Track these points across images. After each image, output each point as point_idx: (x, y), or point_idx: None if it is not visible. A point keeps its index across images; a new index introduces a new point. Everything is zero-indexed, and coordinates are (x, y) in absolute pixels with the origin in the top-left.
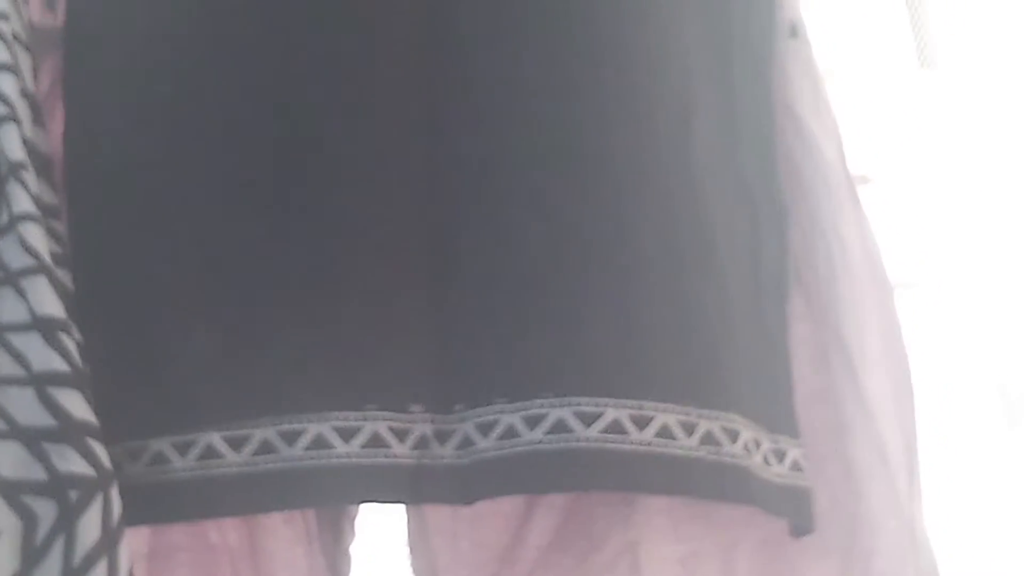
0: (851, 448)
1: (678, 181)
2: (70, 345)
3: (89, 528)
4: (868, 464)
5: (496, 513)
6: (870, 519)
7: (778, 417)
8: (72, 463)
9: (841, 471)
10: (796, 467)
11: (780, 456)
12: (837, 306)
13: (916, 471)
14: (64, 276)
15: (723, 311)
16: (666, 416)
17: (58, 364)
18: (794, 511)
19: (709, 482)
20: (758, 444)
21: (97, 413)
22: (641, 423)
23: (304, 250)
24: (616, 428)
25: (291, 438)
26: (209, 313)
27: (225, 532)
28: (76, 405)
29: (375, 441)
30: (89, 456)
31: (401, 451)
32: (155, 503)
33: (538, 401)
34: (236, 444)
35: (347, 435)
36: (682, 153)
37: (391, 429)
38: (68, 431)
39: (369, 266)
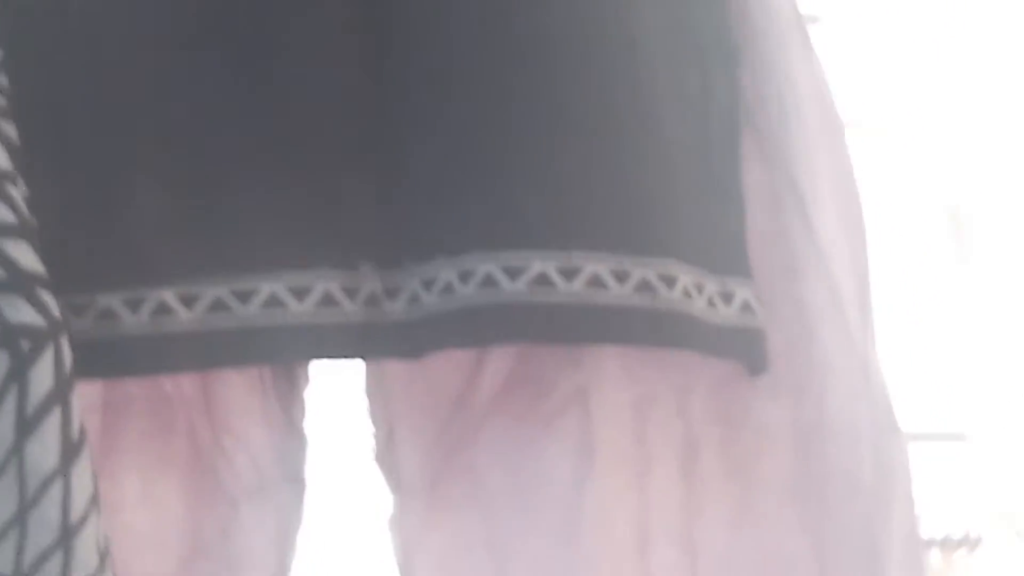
0: (803, 288)
1: (615, 30)
2: (16, 196)
3: (42, 378)
4: (820, 304)
5: (449, 360)
6: (823, 359)
7: (727, 259)
8: (22, 313)
9: (794, 312)
10: (746, 308)
11: (727, 298)
12: (788, 147)
13: (869, 310)
14: (9, 127)
15: (662, 159)
16: (596, 266)
17: (4, 214)
18: (744, 352)
19: (645, 329)
20: (700, 288)
21: (46, 265)
22: (569, 274)
23: (256, 111)
24: (542, 280)
25: (244, 297)
26: (161, 170)
27: (180, 383)
28: (24, 255)
29: (327, 299)
30: (39, 306)
31: (352, 309)
32: (107, 357)
33: (470, 256)
34: (189, 301)
35: (300, 294)
36: (621, 5)
37: (342, 287)
38: (17, 281)
39: (318, 128)
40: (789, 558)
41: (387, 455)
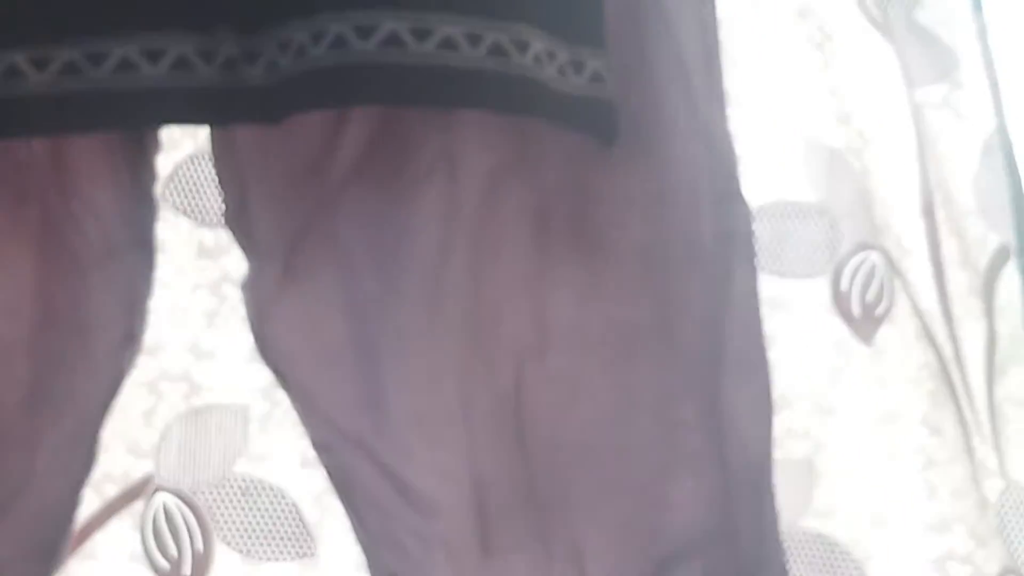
0: (651, 54)
1: None
2: None
3: None
4: (665, 72)
5: (305, 125)
6: (669, 127)
7: (581, 28)
8: None
9: (642, 81)
10: (596, 78)
11: (579, 68)
12: None
13: (717, 79)
14: None
15: None
16: (449, 28)
17: None
18: (592, 123)
19: (497, 94)
20: (552, 56)
21: None
22: (421, 35)
23: None
24: (394, 40)
25: (97, 60)
26: None
27: (32, 149)
28: None
29: (182, 63)
30: None
31: (208, 73)
32: None
33: (322, 16)
34: (40, 64)
35: (154, 57)
36: None
37: (198, 51)
38: None
39: None
40: (636, 328)
41: (240, 219)
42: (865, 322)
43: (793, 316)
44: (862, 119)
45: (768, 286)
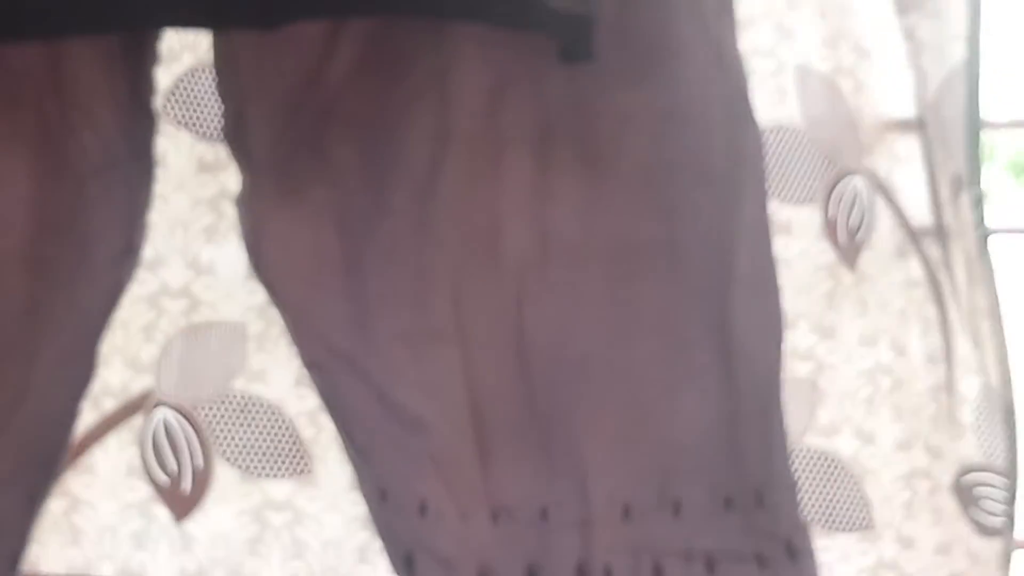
0: None
1: None
2: None
3: None
4: None
5: (301, 40)
6: (678, 46)
7: None
8: None
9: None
10: None
11: None
12: None
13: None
14: None
15: None
16: None
17: None
18: (570, 38)
19: (487, 5)
20: None
21: None
22: None
23: None
24: None
25: None
26: None
27: (26, 56)
28: None
29: None
30: None
31: None
32: None
33: None
34: None
35: None
36: None
37: None
38: None
39: None
40: (641, 243)
41: (237, 133)
42: (849, 248)
43: (792, 239)
44: (850, 42)
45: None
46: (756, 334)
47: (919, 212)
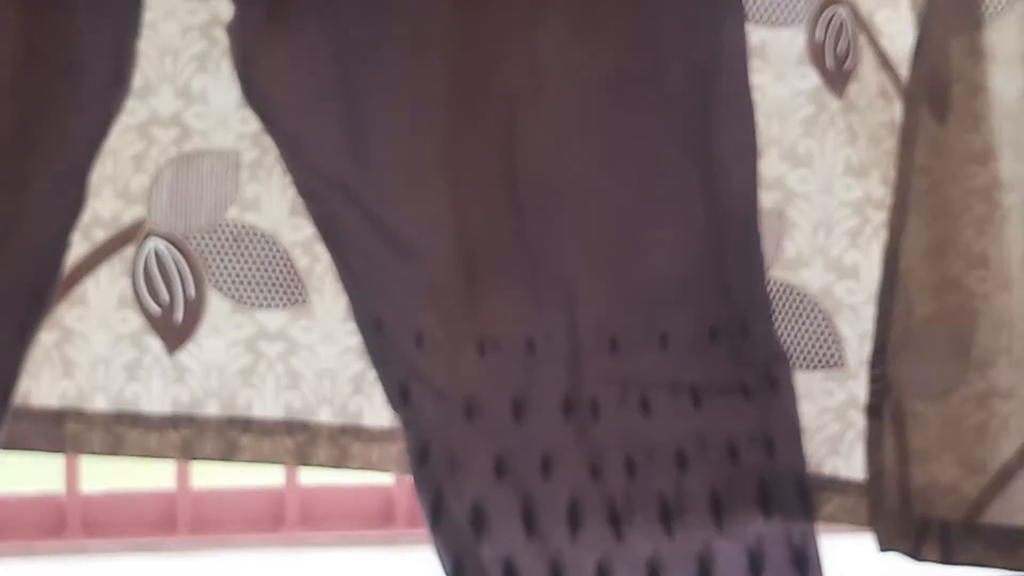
0: None
1: None
2: None
3: None
4: None
5: None
6: None
7: None
8: None
9: None
10: None
11: None
12: None
13: None
14: None
15: None
16: None
17: None
18: None
19: None
20: None
21: None
22: None
23: None
24: None
25: None
26: None
27: None
28: None
29: None
30: None
31: None
32: None
33: None
34: None
35: None
36: None
37: None
38: None
39: None
40: (628, 72)
41: None
42: (837, 75)
43: (768, 63)
44: None
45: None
46: (735, 160)
47: (902, 55)
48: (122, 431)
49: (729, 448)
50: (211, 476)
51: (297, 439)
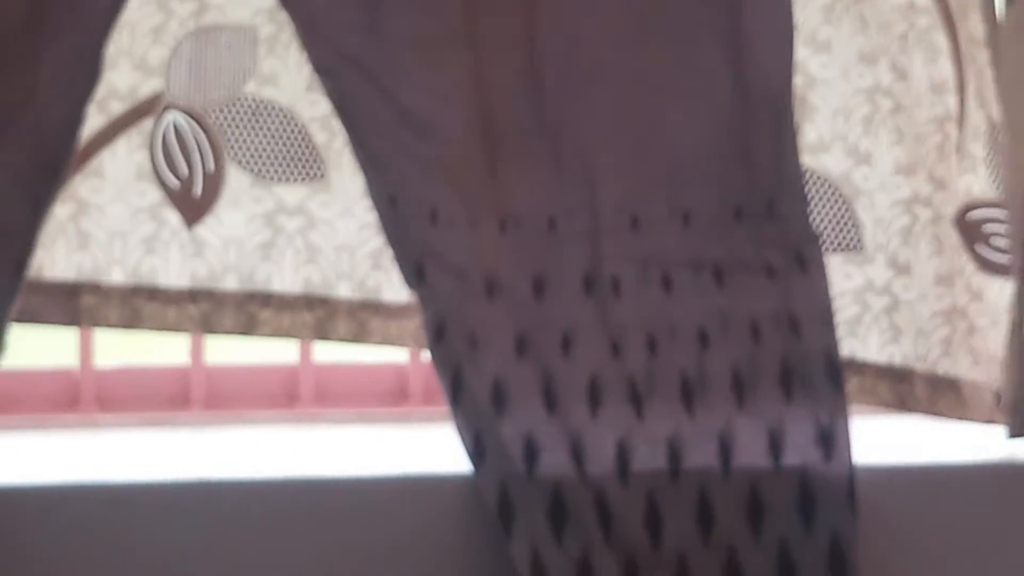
0: None
1: None
2: None
3: None
4: None
5: None
6: None
7: None
8: None
9: None
10: None
11: None
12: None
13: None
14: None
15: None
16: None
17: None
18: None
19: None
20: None
21: None
22: None
23: None
24: None
25: None
26: None
27: None
28: None
29: None
30: None
31: None
32: None
33: None
34: None
35: None
36: None
37: None
38: None
39: None
40: None
41: None
42: None
43: None
44: None
45: None
46: (768, 40)
47: None
48: (139, 304)
49: (752, 328)
50: (225, 352)
51: (316, 314)
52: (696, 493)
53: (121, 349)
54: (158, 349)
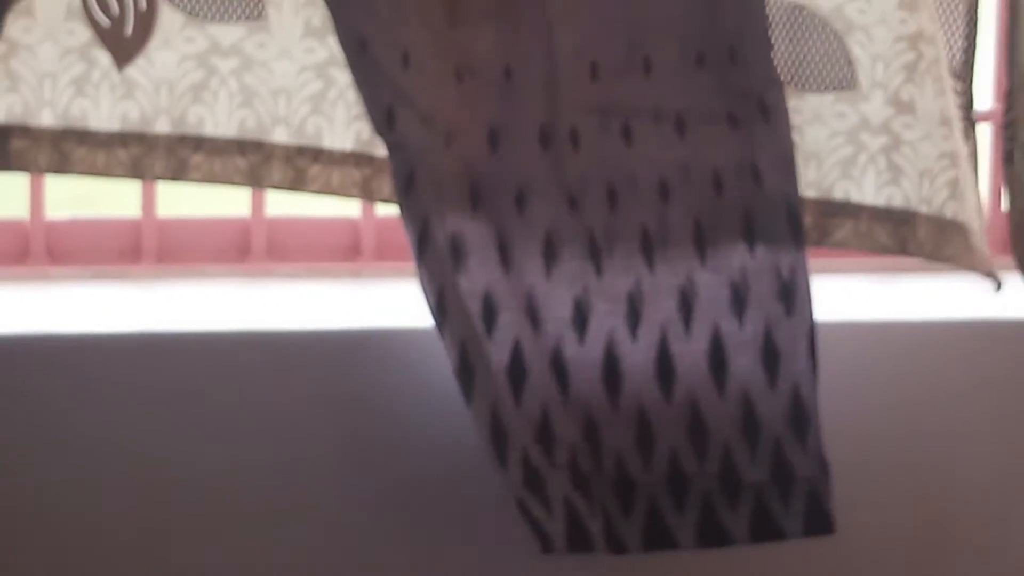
0: None
1: None
2: None
3: None
4: None
5: None
6: None
7: None
8: None
9: None
10: None
11: None
12: None
13: None
14: None
15: None
16: None
17: None
18: None
19: None
20: None
21: None
22: None
23: None
24: None
25: None
26: None
27: None
28: None
29: None
30: None
31: None
32: None
33: None
34: None
35: None
36: None
37: None
38: None
39: None
40: None
41: None
42: None
43: None
44: None
45: None
46: None
47: None
48: (69, 148)
49: (714, 178)
50: (177, 206)
51: (250, 159)
52: (656, 348)
53: (73, 201)
54: (113, 202)
